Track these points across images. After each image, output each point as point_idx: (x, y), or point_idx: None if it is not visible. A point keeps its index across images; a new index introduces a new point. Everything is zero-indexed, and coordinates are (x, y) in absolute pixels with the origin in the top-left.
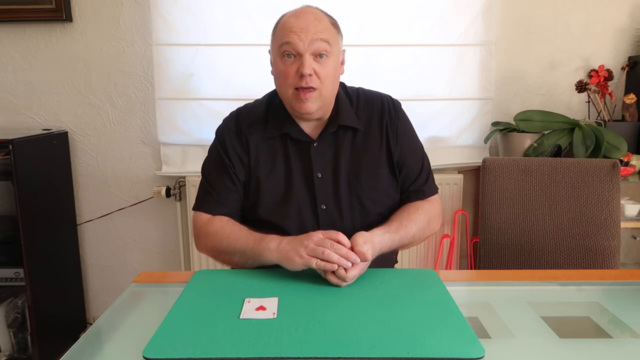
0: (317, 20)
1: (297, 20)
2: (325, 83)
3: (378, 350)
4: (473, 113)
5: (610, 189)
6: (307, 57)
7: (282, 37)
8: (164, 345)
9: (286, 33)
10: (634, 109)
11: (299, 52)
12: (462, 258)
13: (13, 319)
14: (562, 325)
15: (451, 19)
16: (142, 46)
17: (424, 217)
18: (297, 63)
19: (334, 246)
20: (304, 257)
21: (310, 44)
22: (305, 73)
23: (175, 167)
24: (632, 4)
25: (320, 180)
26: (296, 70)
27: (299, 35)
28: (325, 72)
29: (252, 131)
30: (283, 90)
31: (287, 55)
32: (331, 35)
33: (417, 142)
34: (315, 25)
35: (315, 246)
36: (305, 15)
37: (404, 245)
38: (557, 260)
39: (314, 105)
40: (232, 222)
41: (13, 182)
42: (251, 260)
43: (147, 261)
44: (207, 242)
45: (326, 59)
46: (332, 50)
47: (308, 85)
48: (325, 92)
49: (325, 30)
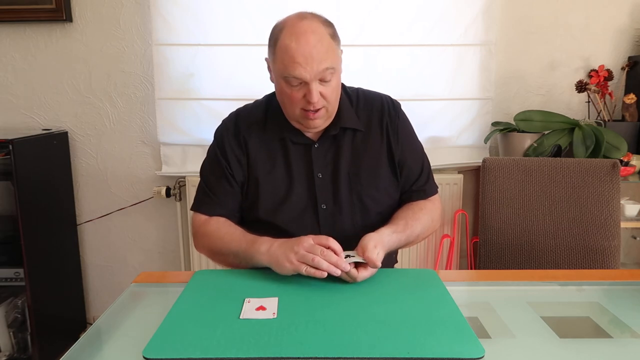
0: (320, 42)
1: (299, 47)
2: (331, 100)
3: (378, 350)
4: (473, 113)
5: (610, 189)
6: (314, 86)
7: (286, 67)
8: (164, 345)
9: (290, 64)
10: (634, 109)
11: (305, 81)
12: (462, 258)
13: (13, 319)
14: (562, 325)
15: (451, 19)
16: (142, 46)
17: (428, 216)
18: (303, 89)
19: (324, 253)
20: (293, 263)
21: (316, 75)
22: (314, 101)
23: (175, 167)
24: (632, 4)
25: (321, 181)
26: (302, 95)
27: (304, 67)
28: (331, 90)
29: (251, 132)
30: (289, 109)
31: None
32: (334, 55)
33: (417, 142)
34: (319, 51)
35: (305, 252)
36: (307, 39)
37: (409, 243)
38: (557, 260)
39: (322, 122)
40: (228, 223)
41: (13, 182)
42: (244, 262)
43: (147, 261)
44: (203, 242)
45: (330, 80)
46: (336, 70)
47: (316, 108)
48: (332, 108)
49: (328, 52)
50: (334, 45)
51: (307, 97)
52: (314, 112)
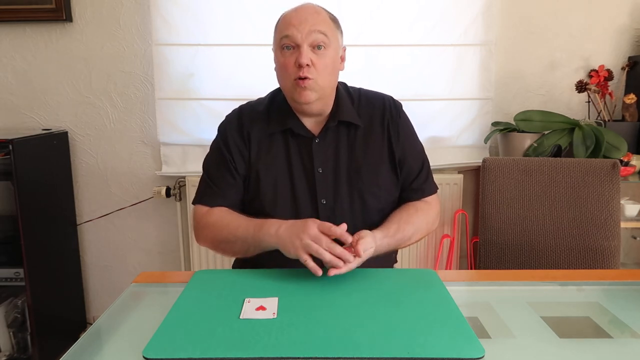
0: (316, 13)
1: (297, 14)
2: (322, 74)
3: (378, 350)
4: (473, 113)
5: (610, 189)
6: (305, 48)
7: (282, 30)
8: (164, 345)
9: (285, 26)
10: (634, 109)
11: (297, 43)
12: (462, 258)
13: (13, 319)
14: (562, 325)
15: (451, 19)
16: (142, 46)
17: (422, 218)
18: (295, 54)
19: (329, 245)
20: (297, 250)
21: (308, 35)
22: (303, 63)
23: (175, 167)
24: (632, 4)
25: (321, 176)
26: (294, 61)
27: (297, 27)
28: (323, 63)
29: (254, 126)
30: (283, 82)
31: (287, 47)
32: (329, 28)
33: (417, 142)
34: (314, 18)
35: (309, 242)
36: (305, 9)
37: (401, 246)
38: (557, 260)
39: (312, 94)
40: (230, 212)
41: (13, 182)
42: (253, 248)
43: (147, 261)
44: (206, 233)
45: (324, 51)
46: (329, 42)
47: (305, 75)
48: (323, 82)
49: (323, 22)
50: (332, 24)
51: (298, 59)
52: (304, 80)
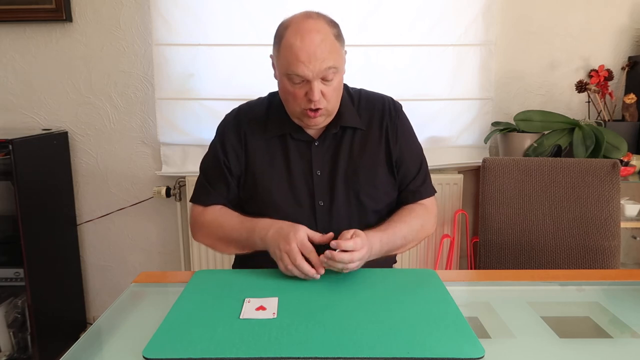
0: (324, 42)
1: (304, 46)
2: (332, 100)
3: (378, 350)
4: (473, 113)
5: (610, 189)
6: (316, 85)
7: (290, 65)
8: (164, 345)
9: (293, 62)
10: (634, 109)
11: (308, 79)
12: (462, 258)
13: (13, 319)
14: (562, 325)
15: (451, 19)
16: (142, 46)
17: (418, 221)
18: (305, 87)
19: (300, 264)
20: (275, 257)
21: (318, 73)
22: (315, 99)
23: (175, 167)
24: (632, 4)
25: (319, 178)
26: (304, 93)
27: (306, 65)
28: (332, 89)
29: (252, 127)
30: (290, 107)
31: (295, 78)
32: (337, 55)
33: (416, 143)
34: (322, 51)
35: (283, 255)
36: (311, 38)
37: (395, 251)
38: (557, 260)
39: (322, 120)
40: (224, 210)
41: (13, 182)
42: (247, 249)
43: (147, 261)
44: (202, 232)
45: (332, 77)
46: (338, 69)
47: (316, 107)
48: (332, 108)
49: (331, 51)
50: (337, 45)
51: (309, 95)
52: (314, 112)
